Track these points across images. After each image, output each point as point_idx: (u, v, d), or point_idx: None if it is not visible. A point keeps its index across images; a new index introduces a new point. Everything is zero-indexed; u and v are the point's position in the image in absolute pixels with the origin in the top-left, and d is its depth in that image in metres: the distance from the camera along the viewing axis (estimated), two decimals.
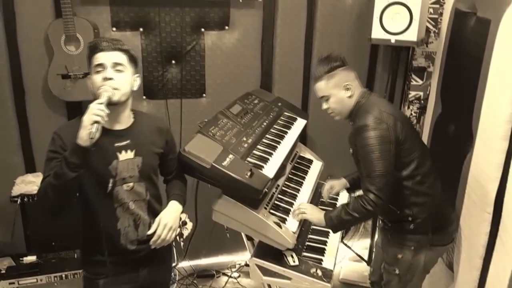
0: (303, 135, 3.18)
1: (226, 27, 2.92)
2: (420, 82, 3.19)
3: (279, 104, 2.89)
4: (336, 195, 2.71)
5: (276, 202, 2.33)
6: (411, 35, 2.63)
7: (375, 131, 1.93)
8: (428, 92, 3.14)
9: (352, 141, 2.08)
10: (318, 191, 2.65)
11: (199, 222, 3.07)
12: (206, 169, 2.00)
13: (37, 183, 2.60)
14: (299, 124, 2.80)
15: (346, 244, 3.36)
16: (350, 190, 2.55)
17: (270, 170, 2.21)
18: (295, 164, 2.75)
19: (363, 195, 1.98)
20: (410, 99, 3.19)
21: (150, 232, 1.81)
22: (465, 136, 2.28)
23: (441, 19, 2.97)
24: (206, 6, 2.83)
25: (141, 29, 2.78)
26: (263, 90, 3.05)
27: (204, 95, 3.01)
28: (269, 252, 2.14)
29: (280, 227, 2.11)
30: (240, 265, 3.27)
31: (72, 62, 2.54)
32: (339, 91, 2.08)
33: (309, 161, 2.87)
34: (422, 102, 3.19)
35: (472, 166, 2.20)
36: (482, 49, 2.13)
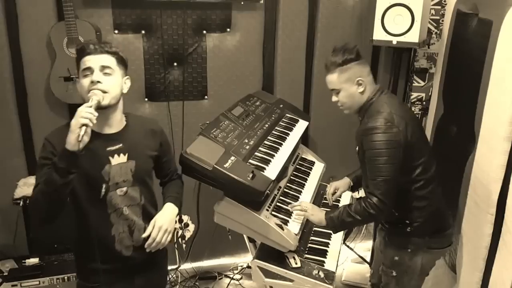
0: (305, 137, 3.18)
1: (228, 29, 2.92)
2: (422, 84, 3.18)
3: (281, 106, 2.89)
4: (338, 196, 2.71)
5: (278, 204, 2.33)
6: (413, 37, 2.63)
7: (385, 135, 1.89)
8: (430, 94, 3.14)
9: (359, 139, 2.02)
10: (320, 193, 2.65)
11: (201, 224, 3.07)
12: (208, 171, 2.00)
13: None
14: (301, 125, 2.80)
15: (348, 246, 3.35)
16: (354, 188, 2.52)
17: (272, 172, 2.21)
18: (297, 166, 2.75)
19: (366, 197, 1.95)
20: (412, 101, 3.19)
21: (145, 235, 1.75)
22: (467, 137, 2.28)
23: (442, 20, 2.97)
24: (208, 8, 2.84)
25: (143, 31, 2.78)
26: (264, 92, 3.05)
27: (206, 97, 3.01)
28: (271, 254, 2.14)
29: (282, 229, 2.11)
30: (242, 267, 3.26)
31: (74, 64, 2.52)
32: (350, 86, 2.01)
33: (311, 162, 2.87)
34: (424, 103, 3.19)
35: (475, 167, 2.19)
36: (484, 50, 2.13)
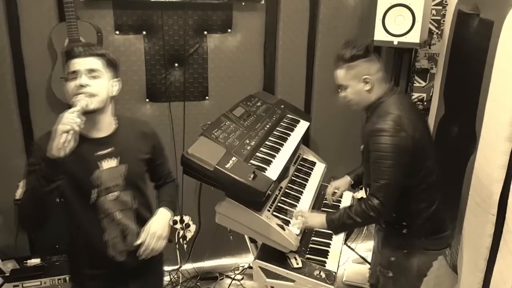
0: (306, 137, 3.18)
1: (229, 30, 2.92)
2: (423, 84, 3.18)
3: (282, 106, 2.89)
4: (339, 196, 2.71)
5: (279, 205, 2.33)
6: (414, 37, 2.63)
7: (392, 139, 1.85)
8: (431, 94, 3.14)
9: (365, 139, 1.99)
10: (321, 193, 2.65)
11: (202, 225, 3.07)
12: (209, 171, 2.00)
13: None
14: (302, 126, 2.80)
15: (349, 246, 3.35)
16: (354, 186, 2.52)
17: (273, 172, 2.21)
18: (298, 166, 2.75)
19: (367, 199, 1.94)
20: (413, 101, 3.19)
21: (138, 242, 1.70)
22: (468, 137, 2.27)
23: (443, 21, 2.96)
24: (209, 9, 2.84)
25: (144, 32, 2.79)
26: (266, 92, 3.06)
27: (207, 97, 3.01)
28: (272, 254, 2.14)
29: (284, 230, 2.11)
30: (244, 267, 3.26)
31: None
32: (357, 83, 1.98)
33: (312, 163, 2.87)
34: (425, 103, 3.19)
35: (476, 168, 2.19)
36: (485, 50, 2.13)
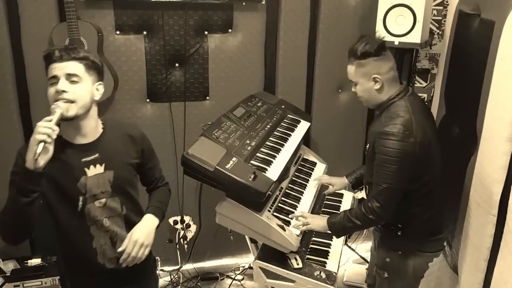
0: (307, 138, 3.18)
1: (230, 30, 2.92)
2: (424, 84, 3.18)
3: (283, 106, 2.89)
4: (339, 196, 2.71)
5: (279, 205, 2.33)
6: (415, 37, 2.62)
7: (400, 144, 1.83)
8: (432, 94, 3.14)
9: (372, 139, 1.97)
10: (321, 194, 2.65)
11: (203, 225, 3.08)
12: (210, 172, 2.00)
13: None
14: (303, 126, 2.80)
15: (350, 247, 3.35)
16: (354, 187, 2.52)
17: (273, 172, 2.21)
18: (299, 167, 2.75)
19: (367, 201, 1.94)
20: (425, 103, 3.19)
21: (120, 249, 1.66)
22: (469, 138, 2.27)
23: (444, 21, 2.96)
24: (210, 9, 2.84)
25: (144, 32, 2.78)
26: (266, 92, 3.05)
27: (207, 97, 3.01)
28: (272, 255, 2.14)
29: (284, 230, 2.11)
30: (244, 267, 3.26)
31: None
32: (367, 81, 1.95)
33: (312, 163, 2.87)
34: (426, 104, 3.19)
35: (477, 168, 2.19)
36: (486, 50, 2.12)
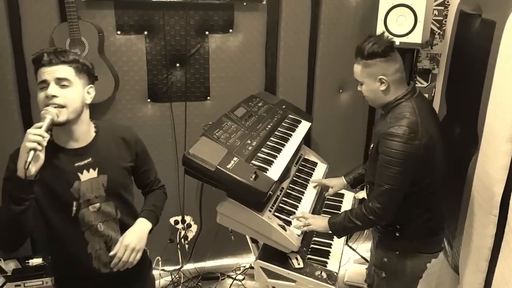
0: (308, 138, 3.18)
1: (230, 30, 2.92)
2: (425, 84, 3.18)
3: (284, 106, 2.89)
4: (340, 196, 2.71)
5: (280, 205, 2.33)
6: (416, 37, 2.62)
7: (404, 146, 1.81)
8: (433, 94, 3.13)
9: (376, 139, 1.95)
10: (322, 194, 2.65)
11: (204, 225, 3.08)
12: (211, 171, 2.01)
13: None
14: (304, 126, 2.80)
15: (351, 247, 3.35)
16: (353, 186, 2.52)
17: (274, 172, 2.21)
18: (300, 167, 2.75)
19: (368, 201, 1.94)
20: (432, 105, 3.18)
21: (112, 253, 1.65)
22: (470, 138, 2.27)
23: (445, 21, 2.96)
24: (210, 9, 2.84)
25: (145, 32, 2.78)
26: (267, 92, 3.05)
27: (208, 98, 3.01)
28: (273, 255, 2.14)
29: (285, 230, 2.11)
30: (245, 267, 3.26)
31: None
32: (372, 82, 1.93)
33: (313, 163, 2.87)
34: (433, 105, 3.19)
35: (478, 169, 2.19)
36: (487, 50, 2.12)
